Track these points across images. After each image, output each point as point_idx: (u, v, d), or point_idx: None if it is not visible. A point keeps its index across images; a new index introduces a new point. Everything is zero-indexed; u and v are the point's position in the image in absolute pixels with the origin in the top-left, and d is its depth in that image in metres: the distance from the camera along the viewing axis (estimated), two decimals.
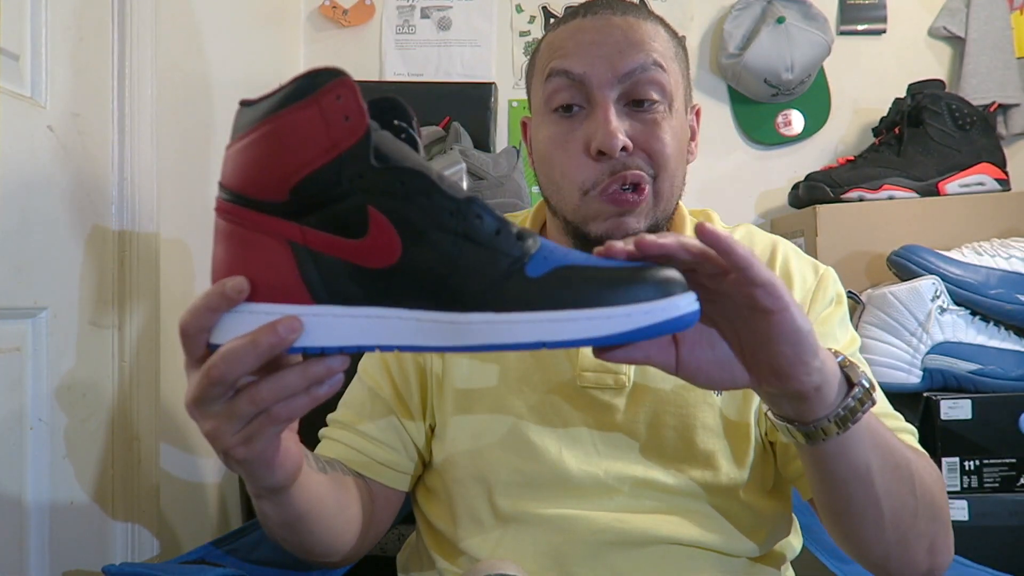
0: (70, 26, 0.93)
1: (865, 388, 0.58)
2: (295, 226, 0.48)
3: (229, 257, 0.49)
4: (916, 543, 0.66)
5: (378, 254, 0.47)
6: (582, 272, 0.48)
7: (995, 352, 1.27)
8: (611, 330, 0.46)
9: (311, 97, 0.47)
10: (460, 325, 0.47)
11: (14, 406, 0.84)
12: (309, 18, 1.79)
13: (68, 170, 0.92)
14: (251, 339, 0.47)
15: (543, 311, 0.46)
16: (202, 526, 1.23)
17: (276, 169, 0.48)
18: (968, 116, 1.49)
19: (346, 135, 0.47)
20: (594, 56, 0.74)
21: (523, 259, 0.48)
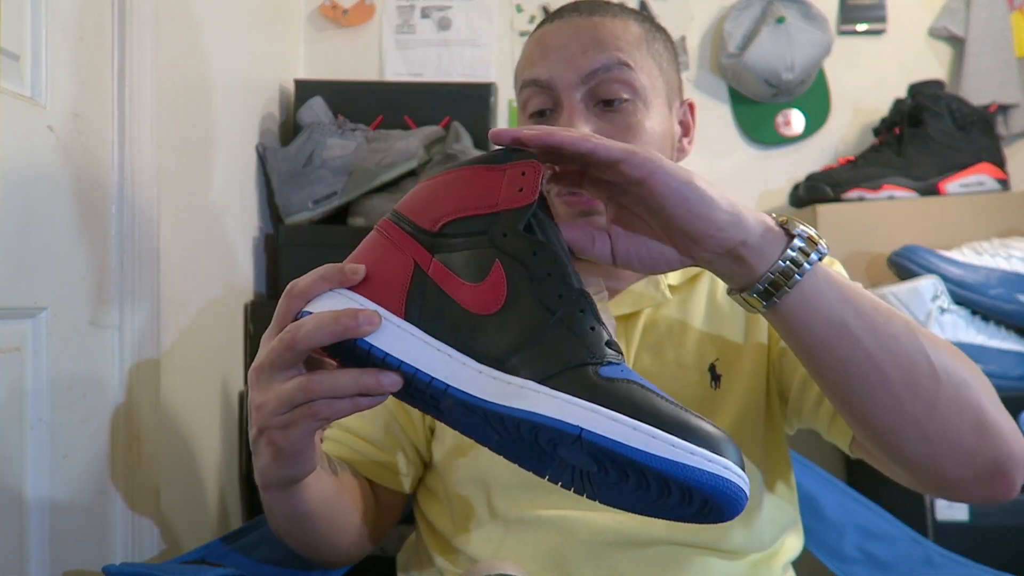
0: (70, 26, 0.93)
1: (805, 237, 0.55)
2: (429, 255, 0.52)
3: (361, 253, 0.55)
4: (954, 415, 0.57)
5: (481, 302, 0.51)
6: (655, 394, 0.47)
7: (995, 352, 1.27)
8: (653, 451, 0.44)
9: (503, 165, 0.53)
10: (514, 387, 0.48)
11: (14, 406, 0.84)
12: (309, 18, 1.79)
13: (68, 170, 0.92)
14: (333, 316, 0.50)
15: (597, 404, 0.46)
16: (202, 526, 1.23)
17: (441, 205, 0.53)
18: (968, 116, 1.49)
19: (512, 200, 0.52)
20: (558, 59, 0.73)
21: (602, 361, 0.49)
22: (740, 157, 1.77)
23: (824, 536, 0.95)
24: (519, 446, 0.50)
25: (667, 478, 0.45)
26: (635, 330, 0.79)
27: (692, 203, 0.53)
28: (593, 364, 0.48)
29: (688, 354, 0.78)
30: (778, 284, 0.56)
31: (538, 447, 0.49)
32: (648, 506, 0.49)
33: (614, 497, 0.51)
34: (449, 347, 0.50)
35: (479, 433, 0.52)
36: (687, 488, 0.45)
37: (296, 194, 1.44)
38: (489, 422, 0.49)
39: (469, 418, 0.50)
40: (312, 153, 1.44)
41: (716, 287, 0.81)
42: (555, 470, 0.51)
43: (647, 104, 0.75)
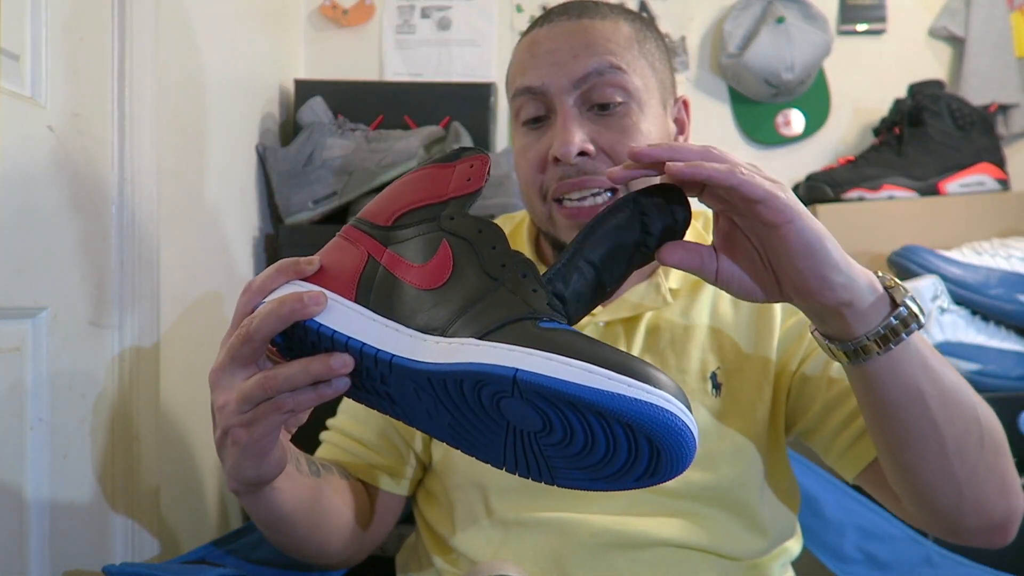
0: (70, 26, 0.93)
1: (910, 309, 0.56)
2: (382, 247, 0.54)
3: (321, 252, 0.56)
4: (987, 479, 0.63)
5: (428, 278, 0.52)
6: (592, 341, 0.46)
7: (995, 352, 1.27)
8: (588, 383, 0.42)
9: (454, 162, 0.56)
10: (454, 345, 0.48)
11: (14, 406, 0.84)
12: (309, 18, 1.79)
13: (68, 170, 0.92)
14: (279, 300, 0.51)
15: (531, 348, 0.45)
16: (202, 526, 1.23)
17: (394, 201, 0.56)
18: (968, 116, 1.49)
19: (461, 189, 0.55)
20: (549, 65, 0.73)
21: (542, 317, 0.49)
22: (740, 157, 1.75)
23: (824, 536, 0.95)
24: (470, 423, 0.50)
25: (605, 414, 0.42)
26: (637, 333, 0.78)
27: (816, 260, 0.53)
28: (532, 318, 0.48)
29: (690, 360, 0.77)
30: (870, 349, 0.57)
31: (486, 415, 0.48)
32: (600, 470, 0.47)
33: (568, 470, 0.49)
34: (396, 323, 0.51)
35: (433, 420, 0.52)
36: (628, 426, 0.42)
37: (296, 194, 1.44)
38: (438, 397, 0.49)
39: (420, 399, 0.50)
40: (312, 153, 1.44)
41: (720, 296, 0.80)
42: (508, 448, 0.50)
43: (641, 105, 0.74)
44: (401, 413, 0.54)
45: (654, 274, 0.80)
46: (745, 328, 0.79)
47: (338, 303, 0.52)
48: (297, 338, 0.52)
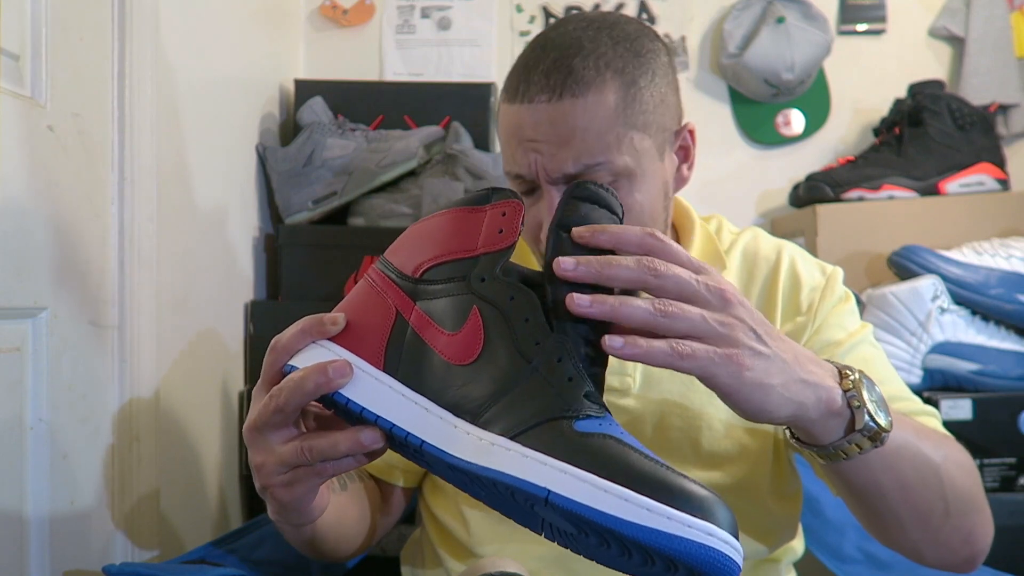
0: (70, 26, 0.93)
1: (873, 430, 0.56)
2: (411, 302, 0.52)
3: (348, 300, 0.54)
4: (950, 537, 0.66)
5: (459, 351, 0.50)
6: (633, 450, 0.44)
7: (995, 352, 1.27)
8: (625, 516, 0.41)
9: (485, 206, 0.52)
10: (485, 443, 0.47)
11: (14, 406, 0.84)
12: (309, 18, 1.79)
13: (68, 170, 0.92)
14: (303, 374, 0.50)
15: (567, 462, 0.43)
16: (202, 526, 1.23)
17: (423, 250, 0.53)
18: (968, 116, 1.49)
19: (492, 243, 0.51)
20: (532, 152, 0.70)
21: (579, 414, 0.46)
22: (740, 157, 1.77)
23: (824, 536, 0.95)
24: (505, 503, 0.48)
25: (643, 546, 0.41)
26: None
27: (748, 402, 0.52)
28: (568, 417, 0.46)
29: None
30: (835, 457, 0.58)
31: (518, 505, 0.47)
32: (636, 571, 0.45)
33: (603, 559, 0.47)
34: (427, 399, 0.49)
35: (467, 488, 0.50)
36: (667, 557, 0.41)
37: (296, 194, 1.44)
38: (469, 482, 0.48)
39: (453, 473, 0.49)
40: (312, 153, 1.44)
41: None
42: (546, 528, 0.48)
43: (632, 179, 0.71)
44: (436, 474, 0.53)
45: None
46: None
47: (365, 373, 0.50)
48: (326, 401, 0.51)
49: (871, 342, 0.79)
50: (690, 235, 0.82)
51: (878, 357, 0.78)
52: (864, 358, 0.76)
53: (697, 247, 0.82)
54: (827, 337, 0.77)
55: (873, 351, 0.78)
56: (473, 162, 1.42)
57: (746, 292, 0.81)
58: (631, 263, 0.50)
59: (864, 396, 0.56)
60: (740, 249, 0.83)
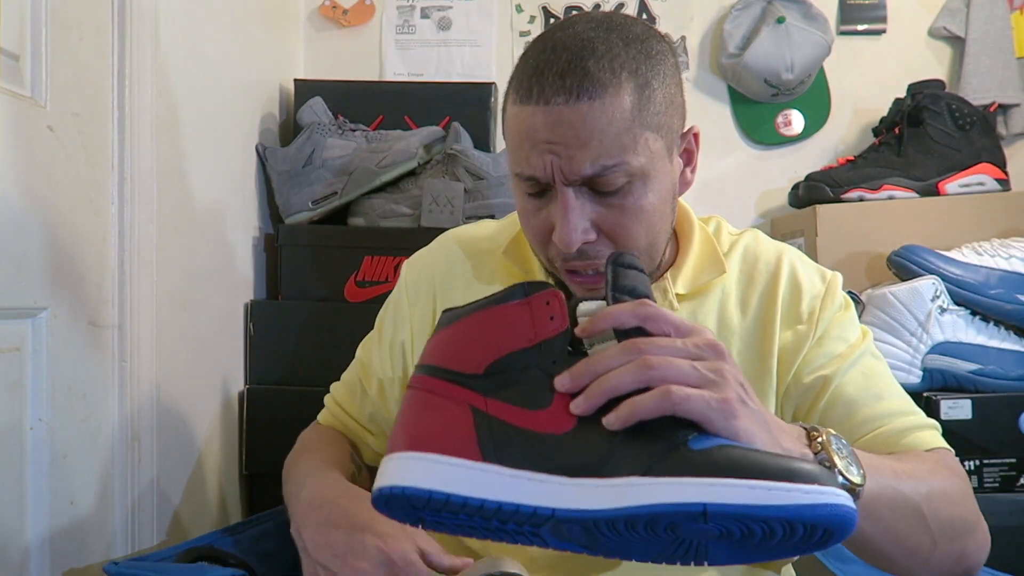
0: (70, 26, 0.93)
1: (846, 488, 0.56)
2: (479, 395, 0.53)
3: (412, 415, 0.54)
4: (942, 561, 0.68)
5: (553, 423, 0.51)
6: (746, 450, 0.49)
7: (995, 352, 1.27)
8: (778, 502, 0.46)
9: (524, 300, 0.55)
10: (620, 487, 0.48)
11: (14, 406, 0.84)
12: (309, 18, 1.79)
13: (68, 170, 0.92)
14: None
15: (705, 477, 0.47)
16: (202, 526, 1.23)
17: (479, 348, 0.54)
18: (968, 116, 1.49)
19: (549, 329, 0.54)
20: (548, 153, 0.69)
21: (686, 439, 0.50)
22: (740, 157, 1.77)
23: None
24: (626, 546, 0.50)
25: (793, 521, 0.46)
26: None
27: None
28: (681, 442, 0.49)
29: None
30: None
31: (650, 537, 0.49)
32: (768, 552, 0.50)
33: (730, 555, 0.51)
34: (539, 474, 0.50)
35: (598, 547, 0.51)
36: (810, 524, 0.46)
37: (296, 194, 1.44)
38: (594, 531, 0.49)
39: (588, 533, 0.50)
40: (312, 153, 1.44)
41: (727, 303, 0.80)
42: (665, 554, 0.51)
43: (645, 180, 0.71)
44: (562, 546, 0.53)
45: (661, 279, 0.80)
46: (750, 335, 0.79)
47: (470, 468, 0.50)
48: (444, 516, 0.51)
49: (872, 353, 0.79)
50: (689, 238, 0.82)
51: (880, 370, 0.79)
52: (865, 371, 0.77)
53: (696, 251, 0.82)
54: (830, 349, 0.78)
55: (875, 363, 0.79)
56: (473, 162, 1.42)
57: (745, 296, 0.81)
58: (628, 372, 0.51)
59: (834, 457, 0.57)
60: (740, 252, 0.83)
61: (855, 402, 0.75)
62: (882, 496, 0.62)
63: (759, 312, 0.80)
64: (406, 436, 0.53)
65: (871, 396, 0.75)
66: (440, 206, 1.38)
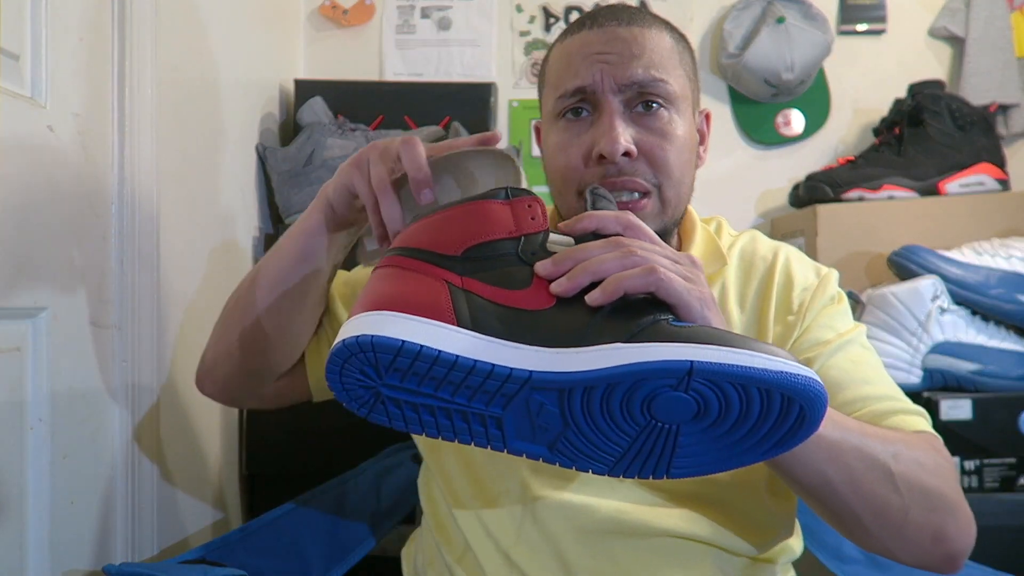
0: (70, 26, 0.93)
1: None
2: (455, 275, 0.53)
3: (386, 285, 0.53)
4: (916, 535, 0.66)
5: (534, 301, 0.52)
6: (723, 332, 0.50)
7: (995, 352, 1.27)
8: (762, 365, 0.46)
9: (507, 200, 0.56)
10: (605, 351, 0.48)
11: (14, 406, 0.84)
12: (309, 18, 1.79)
13: (68, 170, 0.92)
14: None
15: (690, 343, 0.47)
16: (202, 526, 1.23)
17: (458, 233, 0.55)
18: (968, 116, 1.49)
19: (530, 226, 0.55)
20: (599, 66, 0.76)
21: (669, 316, 0.51)
22: (740, 157, 1.77)
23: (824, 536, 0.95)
24: (591, 433, 0.50)
25: (771, 388, 0.46)
26: None
27: None
28: (664, 319, 0.50)
29: None
30: None
31: (624, 419, 0.49)
32: (740, 444, 0.50)
33: (700, 452, 0.51)
34: (517, 342, 0.49)
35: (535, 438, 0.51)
36: (788, 395, 0.47)
37: (296, 194, 1.44)
38: (568, 411, 0.49)
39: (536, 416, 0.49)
40: (312, 153, 1.44)
41: (726, 294, 0.81)
42: (631, 449, 0.51)
43: (679, 111, 0.78)
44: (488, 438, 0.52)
45: None
46: (747, 331, 0.80)
47: (446, 330, 0.49)
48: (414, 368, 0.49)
49: (862, 343, 0.79)
50: (692, 234, 0.84)
51: (867, 357, 0.78)
52: (852, 358, 0.77)
53: (699, 245, 0.83)
54: (815, 336, 0.78)
55: (862, 351, 0.79)
56: None
57: (743, 292, 0.82)
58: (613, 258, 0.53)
59: None
60: (738, 251, 0.84)
61: (837, 384, 0.75)
62: (846, 443, 0.63)
63: (755, 307, 0.81)
64: (374, 299, 0.51)
65: (856, 380, 0.75)
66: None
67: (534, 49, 1.78)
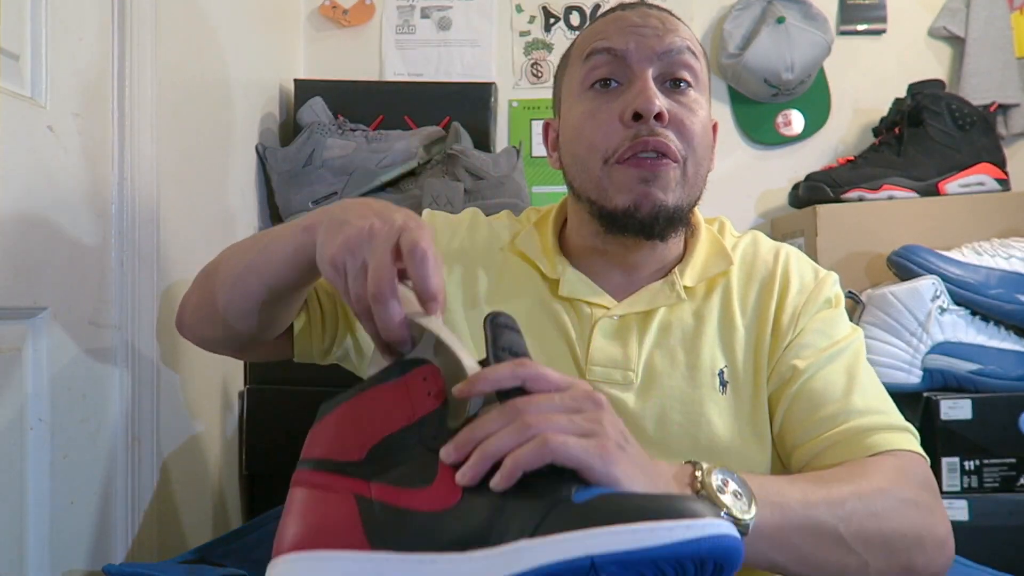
0: (70, 26, 0.93)
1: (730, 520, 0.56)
2: (363, 482, 0.52)
3: (296, 514, 0.53)
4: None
5: (438, 499, 0.51)
6: (626, 496, 0.49)
7: (995, 352, 1.27)
8: (661, 541, 0.45)
9: (400, 378, 0.55)
10: (509, 553, 0.47)
11: (14, 406, 0.84)
12: (309, 18, 1.79)
13: (68, 170, 0.92)
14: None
15: (590, 528, 0.46)
16: (202, 526, 1.23)
17: (358, 434, 0.54)
18: (968, 116, 1.49)
19: (428, 404, 0.54)
20: (635, 35, 0.78)
21: (571, 492, 0.49)
22: (740, 157, 1.77)
23: None
24: None
25: (680, 557, 0.46)
26: (649, 329, 0.80)
27: None
28: (564, 498, 0.49)
29: (699, 357, 0.79)
30: None
31: None
32: None
33: None
34: (429, 554, 0.49)
35: None
36: (697, 558, 0.46)
37: (296, 194, 1.44)
38: None
39: None
40: (312, 153, 1.44)
41: (731, 295, 0.82)
42: None
43: (703, 94, 0.80)
44: None
45: (670, 272, 0.82)
46: (747, 332, 0.80)
47: (358, 561, 0.49)
48: None
49: (855, 350, 0.79)
50: (696, 235, 0.85)
51: (858, 367, 0.78)
52: (843, 368, 0.77)
53: (703, 246, 0.84)
54: (808, 341, 0.78)
55: (854, 360, 0.78)
56: (473, 162, 1.42)
57: (744, 294, 0.82)
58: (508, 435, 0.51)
59: (715, 494, 0.57)
60: (740, 253, 0.85)
61: (822, 397, 0.75)
62: (789, 526, 0.61)
63: (756, 311, 0.81)
64: (291, 536, 0.52)
65: (841, 392, 0.75)
66: (440, 206, 1.38)
67: (534, 49, 1.78)
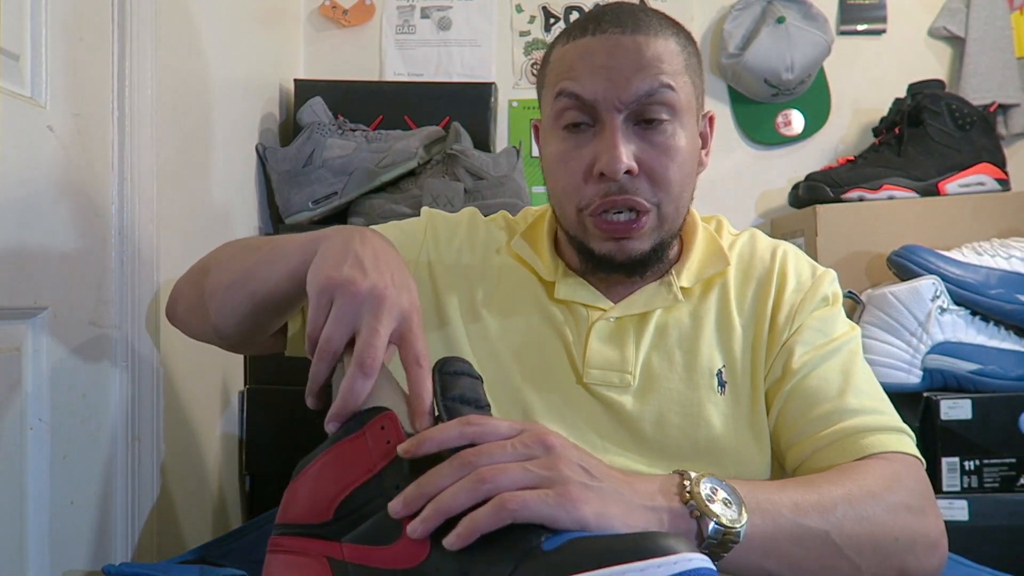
0: (70, 26, 0.93)
1: (722, 533, 0.56)
2: (334, 543, 0.52)
3: None
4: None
5: (405, 557, 0.50)
6: (596, 539, 0.48)
7: (995, 352, 1.27)
8: None
9: (360, 431, 0.54)
10: None
11: (14, 406, 0.84)
12: (309, 18, 1.80)
13: (68, 170, 0.92)
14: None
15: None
16: (202, 526, 1.23)
17: (325, 493, 0.54)
18: (968, 116, 1.49)
19: (387, 455, 0.53)
20: (603, 79, 0.73)
21: (540, 540, 0.48)
22: (740, 157, 1.77)
23: None
24: None
25: None
26: (646, 331, 0.79)
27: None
28: (535, 546, 0.48)
29: (698, 358, 0.78)
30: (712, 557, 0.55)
31: None
32: None
33: None
34: None
35: None
36: None
37: (296, 194, 1.44)
38: None
39: None
40: (312, 153, 1.44)
41: (728, 295, 0.82)
42: None
43: (682, 123, 0.76)
44: None
45: (666, 273, 0.82)
46: (745, 331, 0.80)
47: None
48: None
49: (852, 349, 0.79)
50: (693, 235, 0.84)
51: (854, 366, 0.78)
52: (839, 367, 0.77)
53: (700, 246, 0.83)
54: (805, 339, 0.78)
55: (851, 359, 0.78)
56: (473, 162, 1.42)
57: (741, 293, 0.82)
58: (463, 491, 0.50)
59: (704, 504, 0.56)
60: (737, 251, 0.84)
61: (817, 396, 0.74)
62: (780, 533, 0.60)
63: (753, 310, 0.81)
64: None
65: (836, 391, 0.75)
66: (440, 206, 1.38)
67: (534, 49, 1.78)
